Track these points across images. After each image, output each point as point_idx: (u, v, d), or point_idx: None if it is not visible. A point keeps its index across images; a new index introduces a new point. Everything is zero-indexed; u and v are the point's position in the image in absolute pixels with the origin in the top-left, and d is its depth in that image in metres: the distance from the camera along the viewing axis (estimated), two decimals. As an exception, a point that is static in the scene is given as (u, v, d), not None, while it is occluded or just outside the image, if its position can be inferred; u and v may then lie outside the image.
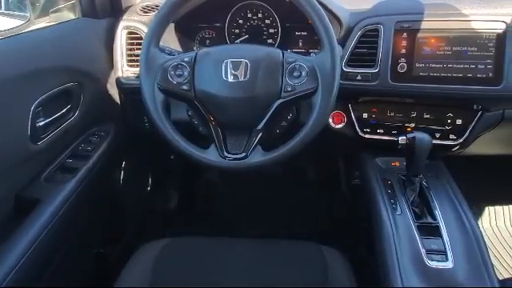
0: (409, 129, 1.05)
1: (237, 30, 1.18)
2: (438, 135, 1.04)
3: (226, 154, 0.85)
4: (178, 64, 0.86)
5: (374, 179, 1.00)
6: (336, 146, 1.26)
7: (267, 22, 1.17)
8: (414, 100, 1.03)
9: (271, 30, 1.17)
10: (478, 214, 1.59)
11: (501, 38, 0.94)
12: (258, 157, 0.84)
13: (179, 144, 0.85)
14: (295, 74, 0.84)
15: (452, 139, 1.04)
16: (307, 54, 1.12)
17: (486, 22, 0.95)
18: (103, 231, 1.23)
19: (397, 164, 1.06)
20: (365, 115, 1.07)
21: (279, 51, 0.87)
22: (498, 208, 1.60)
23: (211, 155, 0.85)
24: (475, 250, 0.80)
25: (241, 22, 1.18)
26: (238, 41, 1.18)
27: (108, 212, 1.24)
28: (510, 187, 1.56)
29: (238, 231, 1.46)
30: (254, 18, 1.17)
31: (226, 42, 1.18)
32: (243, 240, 0.98)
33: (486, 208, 1.59)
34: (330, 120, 1.10)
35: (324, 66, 0.82)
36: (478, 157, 1.32)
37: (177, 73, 0.86)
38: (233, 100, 0.84)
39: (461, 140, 1.03)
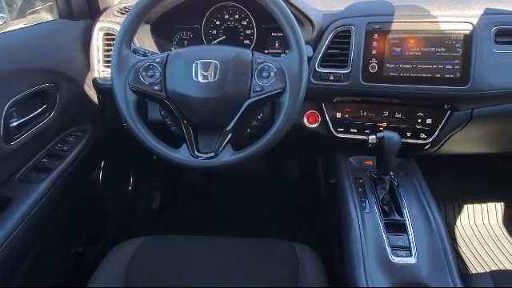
0: (381, 128, 1.07)
1: (214, 31, 1.20)
2: (409, 134, 1.06)
3: (196, 153, 0.86)
4: (150, 65, 0.87)
5: (346, 178, 1.02)
6: (312, 146, 1.27)
7: (244, 23, 1.18)
8: (386, 100, 1.05)
9: (248, 31, 1.19)
10: (447, 211, 1.61)
11: (468, 39, 0.96)
12: (227, 156, 0.86)
13: (150, 143, 0.86)
14: (264, 74, 0.85)
15: (422, 138, 1.06)
16: (284, 54, 1.14)
17: (454, 23, 0.97)
18: (83, 231, 1.24)
19: (370, 163, 1.08)
20: (338, 115, 1.09)
21: (249, 52, 0.88)
22: (467, 206, 1.63)
23: (182, 154, 0.86)
24: (439, 246, 0.82)
25: (218, 23, 1.19)
26: (215, 42, 1.20)
27: (88, 212, 1.25)
28: (480, 185, 1.60)
29: (218, 231, 1.47)
30: (231, 19, 1.18)
31: (204, 43, 1.19)
32: (218, 238, 0.99)
33: (456, 206, 1.62)
34: (305, 120, 1.12)
35: (291, 67, 0.84)
36: (450, 156, 1.35)
37: (148, 73, 0.87)
38: (203, 100, 0.86)
39: (431, 139, 1.05)
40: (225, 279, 0.88)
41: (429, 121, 1.05)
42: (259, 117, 0.95)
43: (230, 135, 0.87)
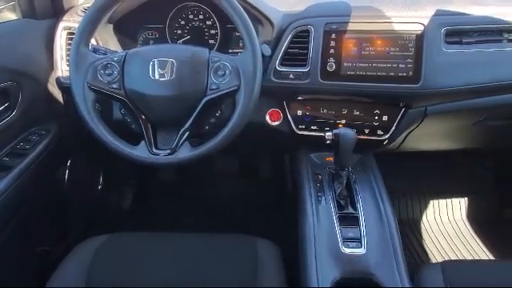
0: (340, 125, 1.10)
1: (179, 31, 1.21)
2: (366, 131, 1.10)
3: (154, 150, 0.88)
4: (108, 63, 0.89)
5: (305, 173, 1.05)
6: (275, 143, 1.30)
7: (208, 23, 1.20)
8: (344, 97, 1.08)
9: (212, 31, 1.21)
10: (413, 207, 1.66)
11: (419, 39, 1.00)
12: (185, 152, 0.88)
13: (108, 140, 0.88)
14: (220, 72, 0.88)
15: (379, 135, 1.10)
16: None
17: (407, 23, 1.01)
18: (50, 229, 1.24)
19: (330, 159, 1.11)
20: (299, 112, 1.12)
21: (206, 51, 0.91)
22: (432, 201, 1.68)
23: (140, 151, 0.88)
24: (388, 238, 0.86)
25: (183, 23, 1.21)
26: (180, 41, 1.22)
27: (55, 210, 1.25)
28: (444, 181, 1.65)
29: (189, 229, 1.49)
30: (196, 19, 1.20)
31: (168, 43, 1.21)
32: (180, 235, 1.01)
33: (421, 201, 1.67)
34: (268, 117, 1.15)
35: (246, 65, 0.87)
36: (414, 153, 1.39)
37: (106, 72, 0.89)
38: (160, 98, 0.88)
39: (387, 135, 1.09)
40: (185, 274, 0.90)
41: (385, 118, 1.08)
42: (217, 114, 0.97)
43: (187, 132, 0.89)
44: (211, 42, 1.22)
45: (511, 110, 1.13)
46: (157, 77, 0.87)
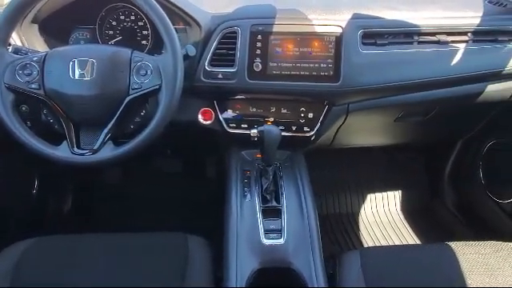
0: (269, 122, 1.15)
1: (110, 32, 1.21)
2: (294, 128, 1.15)
3: (76, 149, 0.89)
4: (27, 63, 0.88)
5: (234, 170, 1.08)
6: (209, 142, 1.33)
7: (140, 23, 1.21)
8: (271, 96, 1.13)
9: (144, 32, 1.21)
10: (340, 199, 1.75)
11: (338, 40, 1.06)
12: (107, 152, 0.89)
13: (27, 141, 0.87)
14: (141, 72, 0.90)
15: (306, 131, 1.15)
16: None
17: (327, 26, 1.07)
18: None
19: (260, 156, 1.15)
20: (230, 111, 1.16)
21: (128, 51, 0.92)
22: (369, 195, 1.77)
23: (61, 151, 0.88)
24: (306, 229, 0.91)
25: (114, 23, 1.21)
26: (111, 42, 1.21)
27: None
28: (379, 175, 1.75)
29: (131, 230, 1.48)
30: (127, 19, 1.21)
31: (98, 43, 1.20)
32: (112, 235, 1.01)
33: (359, 194, 1.76)
34: (200, 117, 1.17)
35: (167, 65, 0.89)
36: (347, 149, 1.47)
37: (25, 72, 0.88)
38: (82, 98, 0.88)
39: (313, 132, 1.15)
40: (111, 276, 0.90)
41: (310, 115, 1.14)
42: (142, 113, 0.99)
43: (111, 132, 0.90)
44: (144, 42, 1.22)
45: (426, 107, 1.22)
46: (77, 77, 0.87)
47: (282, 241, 0.88)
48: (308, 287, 0.82)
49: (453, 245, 0.98)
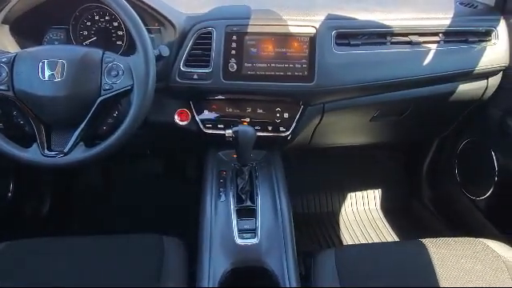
0: (245, 123, 1.15)
1: (85, 32, 1.20)
2: (270, 128, 1.15)
3: (47, 151, 0.88)
4: None
5: (210, 171, 1.08)
6: (186, 143, 1.32)
7: (115, 24, 1.20)
8: (247, 97, 1.13)
9: (120, 33, 1.20)
10: (321, 198, 1.76)
11: (312, 41, 1.07)
12: (79, 153, 0.88)
13: None
14: (113, 73, 0.89)
15: (282, 131, 1.15)
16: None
17: (301, 26, 1.07)
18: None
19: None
20: (206, 112, 1.15)
21: (99, 51, 0.91)
22: (349, 194, 1.79)
23: (31, 153, 0.87)
24: (280, 229, 0.92)
25: (88, 24, 1.19)
26: (86, 43, 1.20)
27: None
28: (359, 174, 1.76)
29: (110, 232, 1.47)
30: (102, 20, 1.19)
31: (74, 44, 1.19)
32: (87, 238, 1.00)
33: (340, 193, 1.78)
34: (177, 117, 1.17)
35: (138, 66, 0.89)
36: (328, 148, 1.48)
37: None
38: (52, 99, 0.87)
39: (289, 131, 1.15)
40: (87, 276, 0.90)
41: (286, 115, 1.14)
42: (114, 114, 0.98)
43: (83, 133, 0.89)
44: (119, 43, 1.21)
45: (400, 107, 1.24)
46: (47, 77, 0.86)
47: (255, 240, 0.88)
48: (280, 287, 0.82)
49: (427, 241, 1.00)
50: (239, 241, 0.88)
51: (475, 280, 0.90)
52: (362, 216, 1.76)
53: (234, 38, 1.08)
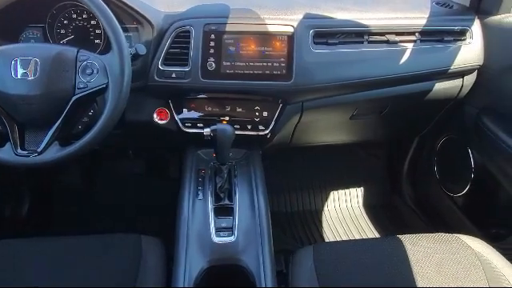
0: (224, 121, 1.15)
1: (62, 31, 1.18)
2: (249, 126, 1.16)
3: (20, 151, 0.87)
4: None
5: (188, 169, 1.08)
6: (166, 142, 1.32)
7: (93, 22, 1.19)
8: (225, 95, 1.13)
9: (98, 31, 1.19)
10: (303, 196, 1.78)
11: (290, 40, 1.07)
12: (53, 152, 0.87)
13: None
14: (88, 71, 0.89)
15: (261, 129, 1.16)
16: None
17: (279, 25, 1.08)
18: None
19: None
20: (185, 111, 1.15)
21: (74, 50, 0.90)
22: (332, 192, 1.81)
23: (4, 153, 0.86)
24: (257, 227, 0.92)
25: (66, 22, 1.18)
26: (63, 41, 1.19)
27: None
28: (341, 172, 1.78)
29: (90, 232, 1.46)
30: (80, 18, 1.18)
31: (50, 43, 1.17)
32: (65, 238, 0.99)
33: (322, 191, 1.79)
34: (156, 116, 1.16)
35: (113, 64, 0.88)
36: (310, 147, 1.49)
37: None
38: (25, 98, 0.86)
39: (268, 130, 1.15)
40: (64, 276, 0.89)
41: (265, 114, 1.15)
42: (90, 113, 0.97)
43: (57, 132, 0.88)
44: (97, 42, 1.20)
45: (378, 105, 1.26)
46: (19, 76, 0.85)
47: (232, 238, 0.88)
48: (256, 286, 0.83)
49: (404, 238, 1.01)
50: (216, 239, 0.88)
51: (449, 276, 0.92)
52: (345, 213, 1.77)
53: (213, 36, 1.08)
